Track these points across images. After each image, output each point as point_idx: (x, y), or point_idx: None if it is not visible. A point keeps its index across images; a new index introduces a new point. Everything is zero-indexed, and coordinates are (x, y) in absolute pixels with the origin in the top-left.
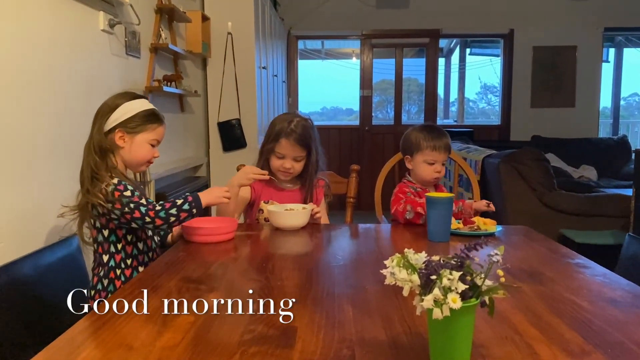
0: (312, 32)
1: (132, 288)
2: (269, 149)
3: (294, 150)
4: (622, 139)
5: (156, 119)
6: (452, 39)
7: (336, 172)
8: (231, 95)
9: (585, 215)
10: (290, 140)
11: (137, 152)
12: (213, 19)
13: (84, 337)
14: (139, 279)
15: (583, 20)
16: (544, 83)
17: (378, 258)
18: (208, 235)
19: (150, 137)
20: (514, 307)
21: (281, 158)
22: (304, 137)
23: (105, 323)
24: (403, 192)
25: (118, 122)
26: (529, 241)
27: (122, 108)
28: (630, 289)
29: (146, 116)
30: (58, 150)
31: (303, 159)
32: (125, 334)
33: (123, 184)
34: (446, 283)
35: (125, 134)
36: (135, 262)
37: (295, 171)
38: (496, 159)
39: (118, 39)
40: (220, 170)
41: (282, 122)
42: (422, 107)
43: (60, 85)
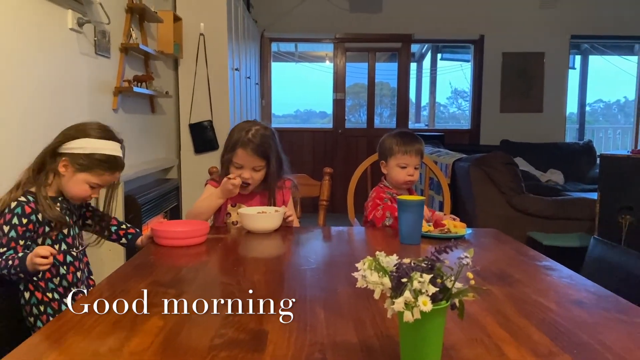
0: (286, 35)
1: (100, 292)
2: (227, 159)
3: (251, 161)
4: (588, 144)
5: (107, 168)
6: (424, 44)
7: (309, 174)
8: (203, 97)
9: (552, 218)
10: (248, 150)
11: (73, 188)
12: (185, 20)
13: (48, 343)
14: (107, 283)
15: (551, 28)
16: (513, 88)
17: (350, 261)
18: (179, 239)
19: (92, 180)
20: (484, 309)
21: (239, 168)
22: (261, 147)
23: (71, 328)
24: (380, 197)
25: (70, 151)
26: (498, 244)
27: (84, 142)
28: (595, 290)
29: (100, 161)
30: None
31: (263, 168)
32: (92, 339)
33: (15, 213)
34: (417, 286)
35: (70, 165)
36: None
37: (254, 181)
38: (466, 162)
39: (87, 38)
40: (191, 172)
41: (240, 132)
42: (395, 111)
43: (26, 85)
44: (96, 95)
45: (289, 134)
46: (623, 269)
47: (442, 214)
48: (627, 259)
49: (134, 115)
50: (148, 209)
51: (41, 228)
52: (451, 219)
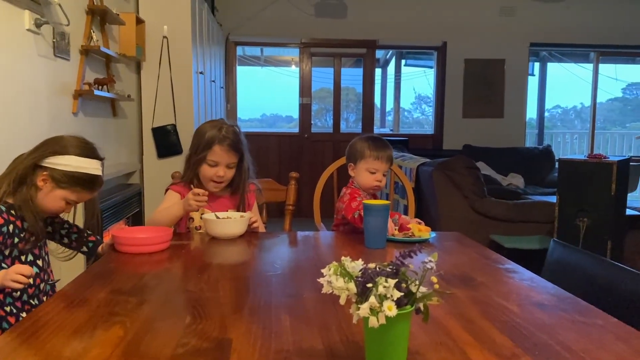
0: (251, 39)
1: (58, 301)
2: (200, 158)
3: (228, 157)
4: (547, 149)
5: (85, 187)
6: (389, 50)
7: (275, 179)
8: (166, 100)
9: (513, 221)
10: (224, 146)
11: (49, 203)
12: (148, 22)
13: (2, 356)
14: (65, 292)
15: (511, 36)
16: (474, 94)
17: (317, 266)
18: (140, 245)
19: (70, 197)
20: (448, 312)
21: (214, 166)
22: (236, 143)
23: (26, 340)
24: (358, 194)
25: (51, 166)
26: (461, 247)
27: (67, 159)
28: (555, 292)
29: (81, 180)
30: None
31: (234, 166)
32: (49, 352)
33: None
34: (382, 291)
35: (49, 180)
36: None
37: (226, 179)
38: (430, 167)
39: (45, 40)
40: (154, 177)
41: (212, 129)
42: (360, 116)
43: None
44: (55, 98)
45: (255, 138)
46: (581, 270)
47: (408, 218)
48: (585, 260)
49: (95, 118)
50: (109, 215)
51: (10, 240)
52: (417, 222)
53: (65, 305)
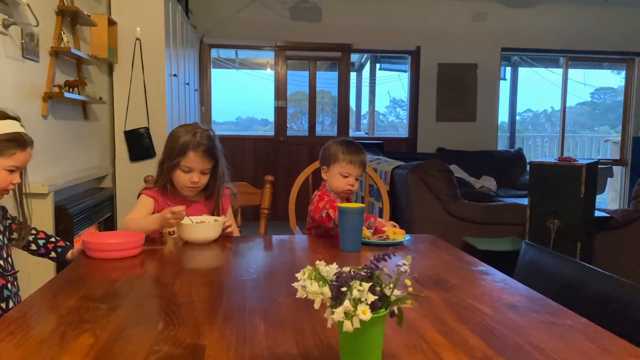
0: (226, 41)
1: (25, 309)
2: (174, 164)
3: (202, 163)
4: (518, 152)
5: (16, 145)
6: (363, 54)
7: (251, 182)
8: (139, 103)
9: (486, 223)
10: (199, 153)
11: None
12: (120, 24)
13: None
14: (34, 299)
15: (483, 41)
16: (448, 98)
17: (292, 270)
18: (112, 251)
19: (7, 164)
20: (422, 315)
21: (188, 172)
22: (211, 148)
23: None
24: (328, 195)
25: None
26: (435, 249)
27: None
28: (527, 293)
29: (6, 141)
30: None
31: (209, 172)
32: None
33: None
34: (356, 294)
35: None
36: None
37: (201, 184)
38: (404, 170)
39: (13, 41)
40: (126, 180)
41: (186, 135)
42: (336, 119)
43: None
44: (24, 100)
45: (230, 141)
46: (552, 271)
47: (384, 221)
48: (556, 262)
49: (65, 122)
50: (80, 220)
51: None
52: (392, 226)
53: (33, 312)
